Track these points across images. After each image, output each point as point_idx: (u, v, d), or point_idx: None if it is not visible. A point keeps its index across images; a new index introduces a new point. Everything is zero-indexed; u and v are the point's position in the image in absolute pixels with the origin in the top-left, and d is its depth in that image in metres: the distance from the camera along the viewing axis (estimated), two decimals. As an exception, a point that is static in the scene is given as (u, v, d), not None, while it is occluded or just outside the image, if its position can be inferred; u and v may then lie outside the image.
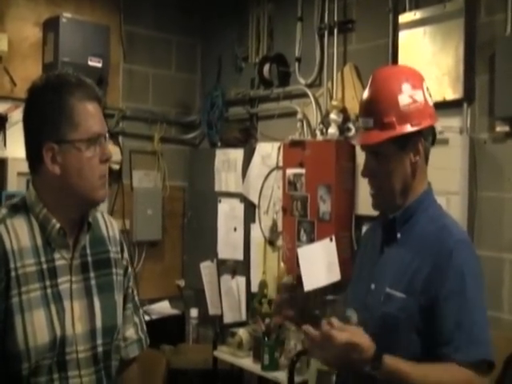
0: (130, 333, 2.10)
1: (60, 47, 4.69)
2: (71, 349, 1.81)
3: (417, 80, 2.10)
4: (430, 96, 2.11)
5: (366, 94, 2.12)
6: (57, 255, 1.84)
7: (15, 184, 4.69)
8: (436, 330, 1.93)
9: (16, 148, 4.67)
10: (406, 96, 2.04)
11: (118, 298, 2.00)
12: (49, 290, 1.80)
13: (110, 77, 5.06)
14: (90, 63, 4.82)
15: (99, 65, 4.88)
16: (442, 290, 1.93)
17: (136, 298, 2.15)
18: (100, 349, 1.89)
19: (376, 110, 2.05)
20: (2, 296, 1.73)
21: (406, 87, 2.05)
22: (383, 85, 2.10)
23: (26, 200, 1.88)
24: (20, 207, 1.86)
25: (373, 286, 2.09)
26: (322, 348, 1.85)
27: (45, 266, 1.81)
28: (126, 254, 2.10)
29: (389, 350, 1.91)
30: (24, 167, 4.66)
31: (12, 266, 1.75)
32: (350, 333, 1.84)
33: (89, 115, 1.84)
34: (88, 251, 1.94)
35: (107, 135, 1.91)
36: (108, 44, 5.03)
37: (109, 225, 2.07)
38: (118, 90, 5.39)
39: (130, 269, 2.11)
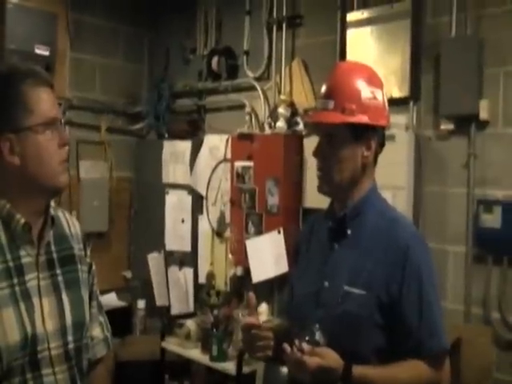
0: (97, 332, 2.09)
1: (6, 34, 4.64)
2: (43, 346, 1.80)
3: (378, 81, 2.17)
4: (387, 101, 2.18)
5: (328, 80, 2.16)
6: (22, 252, 1.82)
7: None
8: (398, 326, 2.01)
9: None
10: (368, 91, 2.10)
11: (85, 295, 1.99)
12: (17, 288, 1.78)
13: (57, 65, 5.02)
14: (37, 51, 4.79)
15: (46, 53, 4.85)
16: (401, 287, 2.00)
17: (99, 297, 2.14)
18: (71, 345, 1.88)
19: (338, 94, 2.09)
20: None
21: (369, 82, 2.12)
22: (348, 74, 2.15)
23: None
24: None
25: (326, 284, 2.11)
26: (297, 369, 1.94)
27: (11, 264, 1.79)
28: (88, 252, 2.10)
29: (353, 345, 2.00)
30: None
31: None
32: (319, 357, 1.91)
33: (42, 100, 1.83)
34: (53, 248, 1.92)
35: (62, 120, 1.91)
36: (55, 32, 4.99)
37: (70, 223, 2.06)
38: (64, 79, 5.33)
39: (93, 266, 2.11)
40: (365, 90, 2.10)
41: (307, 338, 1.96)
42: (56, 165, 1.85)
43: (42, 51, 4.81)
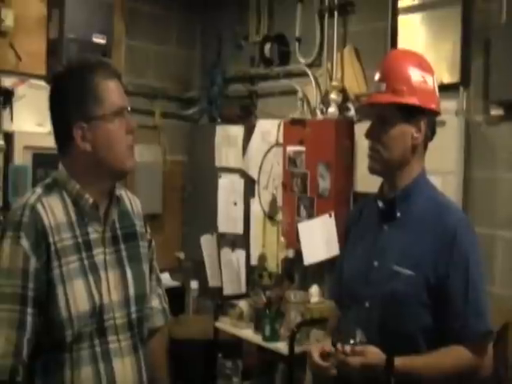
0: (155, 303, 2.26)
1: (65, 24, 4.77)
2: (109, 315, 1.97)
3: (429, 67, 2.29)
4: (437, 88, 2.28)
5: (381, 66, 2.31)
6: (90, 229, 1.99)
7: (21, 157, 4.78)
8: (445, 307, 2.11)
9: (22, 122, 4.79)
10: (418, 74, 2.23)
11: (146, 269, 2.16)
12: (86, 262, 1.95)
13: (113, 52, 5.12)
14: (95, 40, 4.89)
15: (103, 41, 4.95)
16: (448, 269, 2.11)
17: (158, 271, 2.31)
18: (134, 315, 2.05)
19: (390, 77, 2.23)
20: (44, 268, 1.87)
21: (420, 67, 2.25)
22: (400, 59, 2.31)
23: (57, 179, 2.02)
24: (53, 186, 2.00)
25: (376, 264, 2.23)
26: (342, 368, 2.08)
27: (80, 240, 1.96)
28: (148, 229, 2.26)
29: (400, 324, 2.12)
30: (30, 141, 4.78)
31: (51, 240, 1.90)
32: (361, 355, 2.05)
33: (112, 91, 1.99)
34: (117, 225, 2.09)
35: (129, 108, 2.05)
36: (112, 21, 5.09)
37: (132, 201, 2.24)
38: (120, 66, 5.42)
39: (153, 242, 2.27)
40: (415, 74, 2.22)
41: (351, 342, 2.09)
42: (124, 150, 2.01)
43: (99, 40, 4.92)
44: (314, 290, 4.38)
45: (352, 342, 2.08)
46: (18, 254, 1.85)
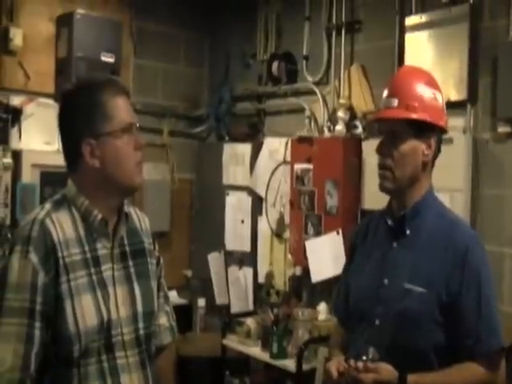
0: (163, 320, 2.26)
1: (74, 43, 4.80)
2: (117, 331, 1.97)
3: (438, 85, 2.29)
4: (445, 106, 2.29)
5: (391, 82, 2.31)
6: (99, 245, 1.99)
7: (29, 175, 4.82)
8: (458, 323, 2.09)
9: (31, 140, 4.83)
10: (429, 91, 2.23)
11: (154, 286, 2.16)
12: (94, 277, 1.95)
13: (121, 71, 5.16)
14: (103, 58, 4.93)
15: (111, 60, 4.99)
16: (461, 286, 2.10)
17: (165, 288, 2.31)
18: (142, 332, 2.05)
19: (402, 93, 2.22)
20: (52, 283, 1.87)
21: (430, 85, 2.25)
22: (411, 75, 2.31)
23: (66, 195, 2.02)
24: (62, 202, 2.01)
25: (386, 281, 2.21)
26: None
27: (89, 255, 1.96)
28: (157, 246, 2.26)
29: (413, 342, 2.11)
30: (38, 159, 4.80)
31: (60, 255, 1.89)
32: (374, 372, 2.03)
33: (120, 108, 1.99)
34: (126, 242, 2.09)
35: (137, 125, 2.06)
36: (120, 40, 5.13)
37: (141, 218, 2.24)
38: (128, 85, 5.47)
39: (161, 260, 2.27)
40: (426, 91, 2.22)
41: (364, 358, 2.07)
42: (132, 166, 2.01)
43: (107, 58, 4.96)
44: (322, 307, 4.38)
45: (364, 358, 2.08)
46: (26, 269, 1.85)
